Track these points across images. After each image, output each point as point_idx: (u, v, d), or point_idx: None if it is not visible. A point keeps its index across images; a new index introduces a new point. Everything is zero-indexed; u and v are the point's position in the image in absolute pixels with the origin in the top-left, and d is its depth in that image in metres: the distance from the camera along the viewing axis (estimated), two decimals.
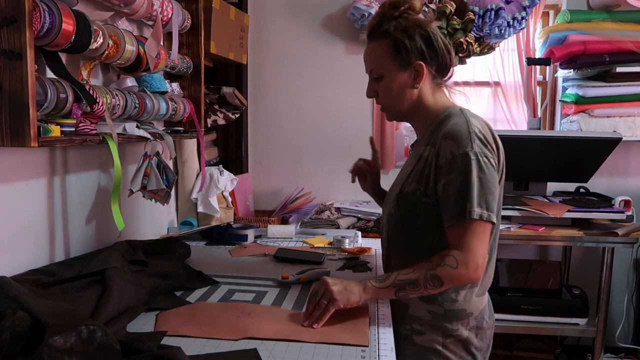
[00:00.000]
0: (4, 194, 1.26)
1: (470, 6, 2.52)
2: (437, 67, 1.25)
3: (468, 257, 1.11)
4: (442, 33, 1.25)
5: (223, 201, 2.35)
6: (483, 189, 1.11)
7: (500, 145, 1.21)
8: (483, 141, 1.15)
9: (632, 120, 2.60)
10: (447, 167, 1.14)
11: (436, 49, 1.22)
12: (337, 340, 1.06)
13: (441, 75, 1.27)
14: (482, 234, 1.13)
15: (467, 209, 1.10)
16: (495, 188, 1.14)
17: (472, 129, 1.16)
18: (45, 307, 0.90)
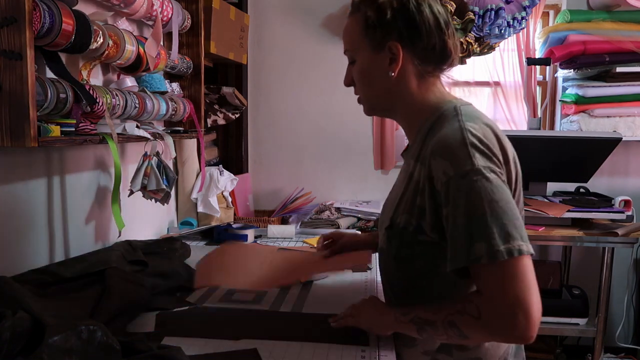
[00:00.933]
0: (4, 194, 1.26)
1: (470, 6, 2.52)
2: (421, 50, 0.97)
3: (496, 310, 0.81)
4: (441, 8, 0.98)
5: (223, 201, 2.35)
6: (502, 215, 0.82)
7: (509, 151, 0.93)
8: (486, 153, 0.87)
9: (632, 120, 2.60)
10: (444, 194, 0.87)
11: (418, 25, 0.95)
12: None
13: (430, 61, 0.99)
14: (521, 273, 0.81)
15: (479, 249, 0.81)
16: (515, 208, 0.85)
17: (469, 139, 0.88)
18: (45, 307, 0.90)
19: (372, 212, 2.56)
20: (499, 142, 0.91)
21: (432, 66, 1.00)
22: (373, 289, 1.44)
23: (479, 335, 0.87)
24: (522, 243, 0.82)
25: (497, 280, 0.81)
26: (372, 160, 2.88)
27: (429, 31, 0.96)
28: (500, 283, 0.81)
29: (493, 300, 0.82)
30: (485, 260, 0.81)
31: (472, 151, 0.86)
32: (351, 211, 2.59)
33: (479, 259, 0.81)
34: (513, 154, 0.94)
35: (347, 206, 2.61)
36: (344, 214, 2.58)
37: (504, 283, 0.81)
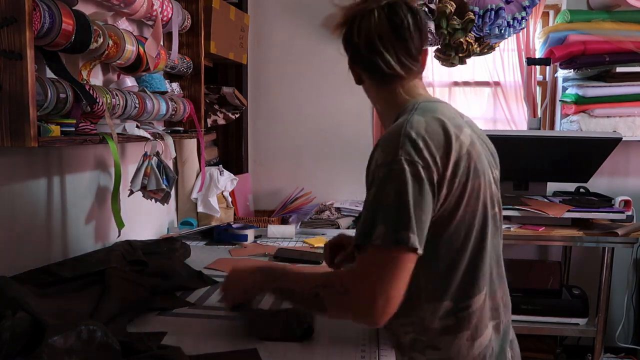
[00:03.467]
0: (4, 194, 1.26)
1: (470, 6, 2.52)
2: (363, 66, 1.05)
3: (362, 289, 0.85)
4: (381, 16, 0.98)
5: (223, 201, 2.35)
6: (402, 206, 0.84)
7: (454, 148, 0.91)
8: (417, 145, 0.88)
9: (632, 120, 2.60)
10: (369, 181, 0.91)
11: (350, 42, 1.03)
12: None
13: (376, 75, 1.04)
14: (391, 265, 0.84)
15: (374, 232, 0.84)
16: (425, 206, 0.86)
17: (407, 131, 0.90)
18: (45, 307, 0.90)
19: None
20: (446, 137, 0.91)
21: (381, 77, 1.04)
22: None
23: (336, 310, 0.91)
24: (410, 236, 0.83)
25: (374, 263, 0.85)
26: None
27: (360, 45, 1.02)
28: (376, 267, 0.84)
29: (363, 281, 0.85)
30: (373, 242, 0.85)
31: (403, 141, 0.89)
32: (351, 211, 2.59)
33: (370, 240, 0.85)
34: (460, 152, 0.92)
35: (347, 206, 2.61)
36: (344, 214, 2.58)
37: (379, 268, 0.84)
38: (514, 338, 1.06)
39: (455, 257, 0.93)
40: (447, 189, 0.90)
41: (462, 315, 0.94)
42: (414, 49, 1.01)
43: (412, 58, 1.01)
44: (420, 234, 0.85)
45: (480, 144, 0.99)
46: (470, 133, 0.96)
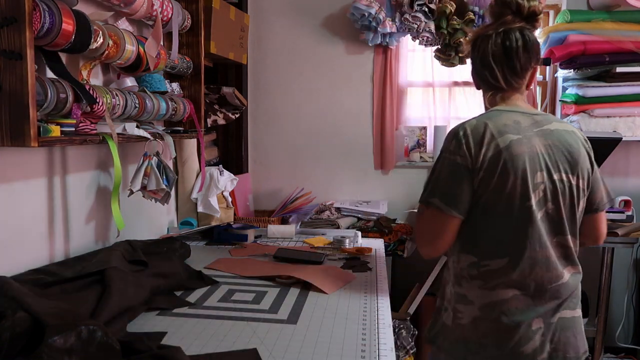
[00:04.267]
0: (4, 194, 1.26)
1: (470, 6, 2.52)
2: (478, 77, 1.33)
3: (416, 234, 1.29)
4: (490, 48, 1.26)
5: (223, 201, 2.35)
6: (438, 180, 1.21)
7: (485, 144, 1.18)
8: (459, 141, 1.20)
9: (632, 120, 2.60)
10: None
11: (472, 57, 1.32)
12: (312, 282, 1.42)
13: (485, 84, 1.32)
14: (427, 217, 1.23)
15: (422, 195, 1.24)
16: (453, 182, 1.19)
17: (456, 130, 1.22)
18: (45, 307, 0.90)
19: (372, 212, 2.56)
20: (483, 137, 1.19)
21: (487, 88, 1.31)
22: (373, 289, 1.44)
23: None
24: (436, 200, 1.20)
25: (418, 216, 1.28)
26: (372, 160, 2.88)
27: (478, 72, 1.31)
28: (418, 217, 1.27)
29: (416, 231, 1.29)
30: (420, 200, 1.25)
31: (450, 138, 1.23)
32: (351, 211, 2.59)
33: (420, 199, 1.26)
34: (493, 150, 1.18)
35: (347, 206, 2.62)
36: (344, 214, 2.58)
37: (419, 218, 1.27)
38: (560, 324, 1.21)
39: (481, 226, 1.21)
40: (480, 175, 1.18)
41: (482, 270, 1.21)
42: (519, 67, 1.25)
43: (516, 75, 1.26)
44: (452, 202, 1.19)
45: (530, 148, 1.19)
46: (516, 138, 1.19)
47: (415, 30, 2.57)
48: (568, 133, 1.25)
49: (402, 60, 2.82)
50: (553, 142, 1.22)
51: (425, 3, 2.52)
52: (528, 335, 1.17)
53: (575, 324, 1.23)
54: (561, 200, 1.20)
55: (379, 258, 1.78)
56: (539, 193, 1.18)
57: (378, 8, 2.56)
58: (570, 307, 1.22)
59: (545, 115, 1.27)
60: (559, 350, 1.19)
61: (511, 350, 1.18)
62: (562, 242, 1.22)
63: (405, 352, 2.24)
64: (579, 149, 1.24)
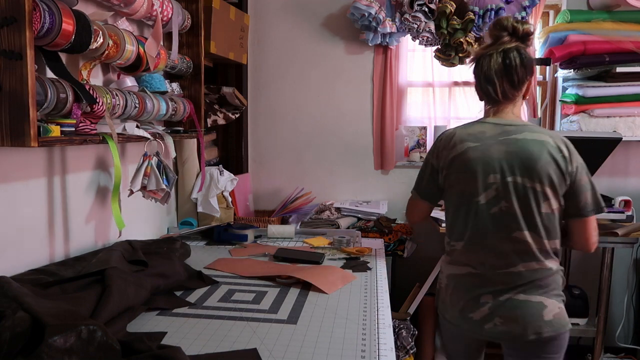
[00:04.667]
0: (4, 194, 1.26)
1: (470, 6, 2.52)
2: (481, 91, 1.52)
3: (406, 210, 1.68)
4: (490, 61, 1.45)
5: (223, 201, 2.35)
6: (418, 175, 1.59)
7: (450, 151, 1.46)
8: (435, 146, 1.53)
9: (632, 120, 2.60)
10: None
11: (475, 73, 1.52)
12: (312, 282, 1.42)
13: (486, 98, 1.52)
14: (410, 200, 1.64)
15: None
16: (423, 178, 1.56)
17: (438, 137, 1.54)
18: (45, 307, 0.90)
19: (372, 212, 2.56)
20: (449, 143, 1.48)
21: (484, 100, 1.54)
22: (373, 289, 1.44)
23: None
24: (415, 192, 1.60)
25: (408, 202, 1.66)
26: (372, 160, 2.88)
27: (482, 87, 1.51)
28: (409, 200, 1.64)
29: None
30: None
31: (434, 142, 1.56)
32: (351, 211, 2.59)
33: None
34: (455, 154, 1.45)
35: (347, 206, 2.61)
36: (344, 214, 2.58)
37: (407, 204, 1.65)
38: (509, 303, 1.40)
39: (449, 214, 1.51)
40: (443, 174, 1.49)
41: (450, 249, 1.51)
42: (517, 81, 1.44)
43: (514, 88, 1.45)
44: (421, 192, 1.58)
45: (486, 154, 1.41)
46: (473, 146, 1.43)
47: (415, 30, 2.57)
48: (534, 142, 1.40)
49: (402, 60, 2.82)
50: (513, 150, 1.39)
51: (425, 3, 2.51)
52: (476, 305, 1.42)
53: (527, 307, 1.38)
54: (514, 200, 1.38)
55: (379, 258, 1.78)
56: (491, 192, 1.40)
57: (378, 8, 2.55)
58: (527, 292, 1.39)
59: (520, 126, 1.43)
60: (504, 325, 1.39)
61: (462, 313, 1.45)
62: (518, 237, 1.38)
63: (405, 352, 2.24)
64: (540, 156, 1.38)
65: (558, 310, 1.40)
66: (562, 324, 1.40)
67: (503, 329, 1.39)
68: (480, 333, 1.43)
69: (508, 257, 1.39)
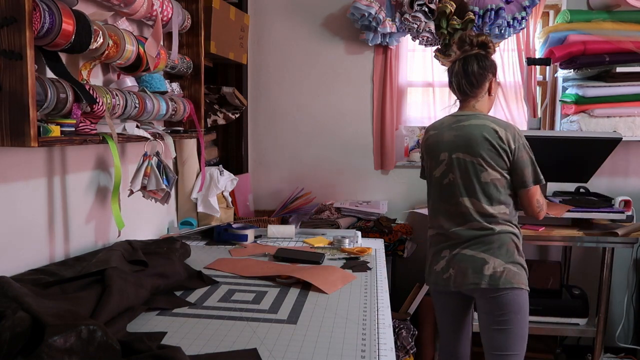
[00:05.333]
0: (4, 193, 1.26)
1: (470, 6, 2.52)
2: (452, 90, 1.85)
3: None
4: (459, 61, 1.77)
5: (223, 201, 2.35)
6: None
7: (424, 139, 1.87)
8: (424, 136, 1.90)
9: (632, 120, 2.60)
10: None
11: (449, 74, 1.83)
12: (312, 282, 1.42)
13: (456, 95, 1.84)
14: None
15: None
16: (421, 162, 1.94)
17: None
18: (45, 307, 0.90)
19: (372, 212, 2.56)
20: (425, 133, 1.88)
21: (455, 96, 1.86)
22: (373, 289, 1.44)
23: None
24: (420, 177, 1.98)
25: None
26: (372, 160, 2.88)
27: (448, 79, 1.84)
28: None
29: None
30: None
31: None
32: (351, 211, 2.59)
33: None
34: (426, 143, 1.84)
35: (347, 206, 2.61)
36: (344, 214, 2.58)
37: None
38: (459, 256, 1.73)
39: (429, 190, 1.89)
40: (423, 157, 1.88)
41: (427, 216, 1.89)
42: (475, 80, 1.76)
43: (472, 86, 1.77)
44: (422, 173, 1.95)
45: (441, 138, 1.78)
46: (433, 133, 1.82)
47: (415, 30, 2.57)
48: (476, 126, 1.71)
49: (402, 60, 2.82)
50: (459, 134, 1.73)
51: (425, 3, 2.52)
52: (437, 259, 1.78)
53: (472, 260, 1.69)
54: (457, 172, 1.73)
55: (379, 258, 1.78)
56: (442, 167, 1.76)
57: (378, 8, 2.55)
58: (472, 248, 1.70)
59: (470, 116, 1.75)
60: (456, 274, 1.72)
61: (430, 267, 1.82)
62: (461, 202, 1.72)
63: (405, 352, 2.24)
64: (477, 137, 1.69)
65: (502, 269, 1.66)
66: (504, 280, 1.66)
67: (455, 278, 1.71)
68: (439, 283, 1.77)
69: (455, 219, 1.73)
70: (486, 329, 1.74)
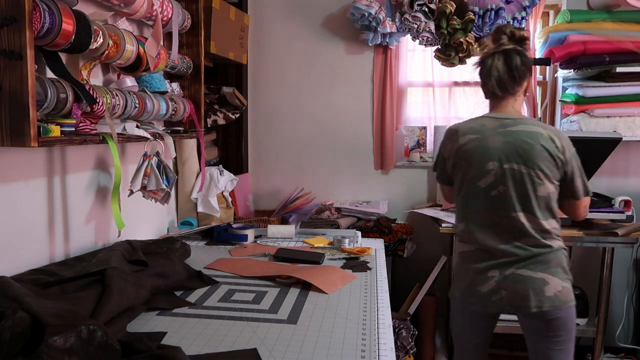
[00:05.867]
0: (4, 193, 1.26)
1: (470, 6, 2.52)
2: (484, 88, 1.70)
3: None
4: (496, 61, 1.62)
5: (223, 201, 2.35)
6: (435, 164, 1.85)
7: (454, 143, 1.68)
8: (445, 137, 1.74)
9: (632, 120, 2.60)
10: None
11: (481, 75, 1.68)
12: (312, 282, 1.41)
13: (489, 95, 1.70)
14: (439, 186, 1.91)
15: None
16: (439, 164, 1.79)
17: (446, 130, 1.75)
18: (45, 307, 0.90)
19: (372, 212, 2.56)
20: (453, 137, 1.69)
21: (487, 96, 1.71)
22: (373, 289, 1.44)
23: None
24: (436, 178, 1.84)
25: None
26: (372, 160, 2.88)
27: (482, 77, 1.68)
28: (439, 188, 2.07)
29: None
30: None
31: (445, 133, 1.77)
32: (351, 211, 2.59)
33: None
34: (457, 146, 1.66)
35: (347, 206, 2.61)
36: (344, 214, 2.58)
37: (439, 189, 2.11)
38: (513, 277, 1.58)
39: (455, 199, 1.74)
40: (450, 163, 1.70)
41: (458, 229, 1.72)
42: (518, 77, 1.62)
43: (515, 83, 1.63)
44: (439, 177, 1.81)
45: (485, 144, 1.61)
46: (474, 137, 1.63)
47: (415, 30, 2.57)
48: (529, 133, 1.57)
49: (402, 60, 2.82)
50: (509, 140, 1.58)
51: (425, 3, 2.52)
52: (483, 279, 1.61)
53: (529, 281, 1.55)
54: (510, 184, 1.57)
55: (379, 258, 1.78)
56: (490, 177, 1.59)
57: (378, 8, 2.55)
58: (531, 268, 1.56)
59: (517, 120, 1.61)
60: (509, 298, 1.57)
61: (471, 287, 1.63)
62: (515, 217, 1.57)
63: (405, 352, 2.24)
64: (534, 146, 1.55)
65: (560, 288, 1.55)
66: (563, 300, 1.55)
67: (508, 301, 1.57)
68: (487, 305, 1.61)
69: (505, 234, 1.58)
70: (544, 350, 1.61)
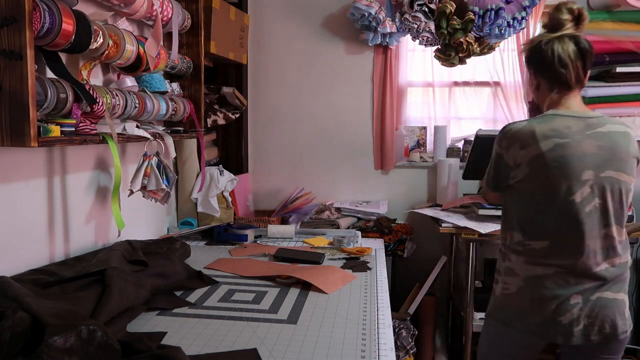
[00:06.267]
0: (4, 193, 1.26)
1: (470, 6, 2.52)
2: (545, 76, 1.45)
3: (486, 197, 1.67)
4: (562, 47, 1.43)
5: (223, 201, 2.35)
6: (488, 168, 1.53)
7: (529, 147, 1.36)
8: (507, 137, 1.41)
9: (632, 120, 2.60)
10: None
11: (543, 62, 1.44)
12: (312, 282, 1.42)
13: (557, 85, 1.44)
14: (484, 191, 1.62)
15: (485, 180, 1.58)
16: (496, 169, 1.48)
17: (507, 130, 1.43)
18: (45, 307, 0.90)
19: (372, 212, 2.56)
20: (529, 140, 1.36)
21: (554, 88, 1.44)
22: (373, 289, 1.44)
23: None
24: (487, 186, 1.56)
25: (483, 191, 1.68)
26: (372, 161, 2.88)
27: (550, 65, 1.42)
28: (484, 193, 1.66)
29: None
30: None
31: (501, 135, 1.45)
32: (351, 211, 2.59)
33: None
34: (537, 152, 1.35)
35: (347, 206, 2.61)
36: (344, 214, 2.58)
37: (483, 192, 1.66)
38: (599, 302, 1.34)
39: (527, 211, 1.40)
40: (522, 171, 1.38)
41: (525, 248, 1.39)
42: (589, 65, 1.45)
43: (586, 73, 1.44)
44: (492, 184, 1.51)
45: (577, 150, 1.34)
46: (562, 142, 1.34)
47: (415, 30, 2.57)
48: (620, 134, 1.38)
49: (402, 60, 2.82)
50: (602, 144, 1.35)
51: (425, 3, 2.52)
52: (565, 308, 1.34)
53: (616, 304, 1.35)
54: (609, 196, 1.34)
55: (379, 258, 1.78)
56: (587, 189, 1.33)
57: (378, 8, 2.55)
58: (614, 290, 1.35)
59: (599, 118, 1.39)
60: (596, 325, 1.34)
61: (550, 318, 1.35)
62: (607, 234, 1.35)
63: (405, 352, 2.24)
64: (629, 149, 1.37)
65: (628, 305, 1.40)
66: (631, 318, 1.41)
67: (597, 330, 1.34)
68: (570, 337, 1.34)
69: (596, 255, 1.34)
70: None
